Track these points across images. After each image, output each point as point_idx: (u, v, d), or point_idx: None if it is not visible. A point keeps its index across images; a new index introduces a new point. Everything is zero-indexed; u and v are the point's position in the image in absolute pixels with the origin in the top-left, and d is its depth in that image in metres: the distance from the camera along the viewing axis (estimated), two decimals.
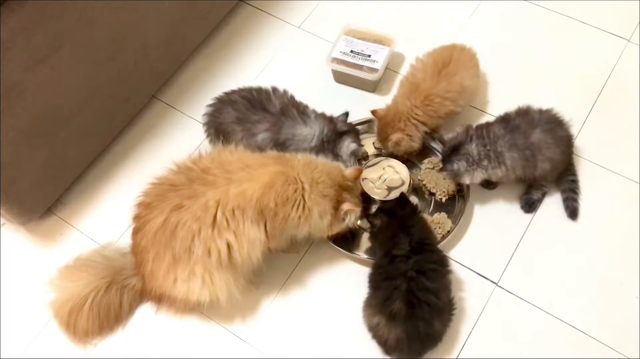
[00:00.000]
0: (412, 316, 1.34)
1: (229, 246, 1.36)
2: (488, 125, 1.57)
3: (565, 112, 1.64)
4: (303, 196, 1.39)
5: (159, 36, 1.78)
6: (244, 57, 2.05)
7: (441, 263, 1.44)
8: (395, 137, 1.64)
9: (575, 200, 1.65)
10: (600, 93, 1.88)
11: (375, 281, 1.44)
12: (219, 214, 1.34)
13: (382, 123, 1.67)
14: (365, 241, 1.64)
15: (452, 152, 1.55)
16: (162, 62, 1.87)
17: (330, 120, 1.64)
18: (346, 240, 1.60)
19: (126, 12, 1.61)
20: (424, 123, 1.65)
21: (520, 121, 1.54)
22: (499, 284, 1.57)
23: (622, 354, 1.47)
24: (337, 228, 1.48)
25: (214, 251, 1.36)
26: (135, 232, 1.45)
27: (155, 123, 1.92)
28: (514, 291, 1.56)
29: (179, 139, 1.88)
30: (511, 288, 1.57)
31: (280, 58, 2.05)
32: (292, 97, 1.65)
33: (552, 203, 1.69)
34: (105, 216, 1.77)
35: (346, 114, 1.68)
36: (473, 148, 1.53)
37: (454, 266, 1.55)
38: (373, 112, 1.69)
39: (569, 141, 1.59)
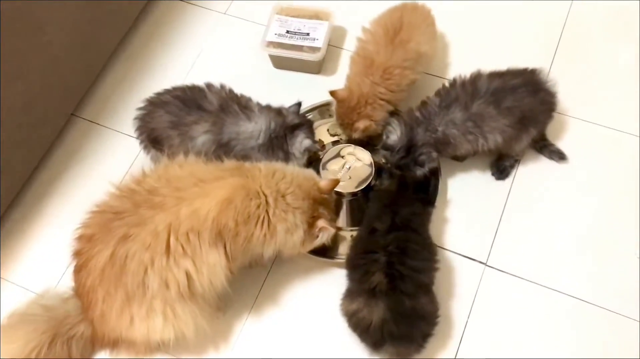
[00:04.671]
0: (394, 289, 1.31)
1: (187, 275, 1.29)
2: (425, 103, 1.55)
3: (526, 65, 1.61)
4: (267, 212, 1.32)
5: (65, 45, 1.67)
6: (169, 54, 1.98)
7: (425, 246, 1.42)
8: (362, 124, 1.59)
9: (553, 144, 1.67)
10: (559, 41, 1.89)
11: (353, 259, 1.42)
12: (172, 240, 1.26)
13: (344, 108, 1.61)
14: (343, 242, 1.59)
15: (409, 151, 1.51)
16: (76, 74, 1.77)
17: (278, 112, 1.58)
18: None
19: (20, 22, 1.48)
20: (388, 101, 1.59)
21: (460, 92, 1.51)
22: (487, 264, 1.56)
23: (627, 317, 1.47)
24: (310, 246, 1.44)
25: (172, 283, 1.28)
26: (78, 270, 1.36)
27: (79, 144, 1.83)
28: (504, 269, 1.55)
29: (110, 158, 1.80)
30: (501, 266, 1.56)
31: (209, 50, 1.98)
32: (230, 91, 1.58)
33: (529, 166, 1.69)
34: (38, 259, 1.67)
35: (298, 104, 1.62)
36: (425, 136, 1.51)
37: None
38: (332, 93, 1.62)
39: (522, 112, 1.51)
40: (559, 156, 1.67)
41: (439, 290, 1.43)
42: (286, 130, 1.55)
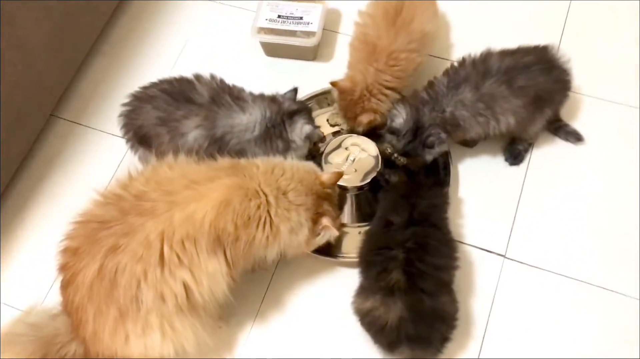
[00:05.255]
0: (413, 287, 1.24)
1: (185, 286, 1.20)
2: (432, 84, 1.47)
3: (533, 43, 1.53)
4: (269, 212, 1.24)
5: (40, 39, 1.55)
6: (153, 46, 1.88)
7: (445, 242, 1.34)
8: (366, 119, 1.51)
9: (568, 125, 1.60)
10: (567, 16, 1.81)
11: (366, 255, 1.34)
12: (166, 249, 1.17)
13: (346, 100, 1.52)
14: (348, 240, 1.49)
15: (416, 134, 1.43)
16: (53, 71, 1.66)
17: (273, 100, 1.49)
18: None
19: None
20: (394, 89, 1.51)
21: (471, 71, 1.44)
22: (506, 256, 1.48)
23: None
24: (314, 245, 1.37)
25: (169, 296, 1.19)
26: (65, 286, 1.26)
27: (61, 146, 1.73)
28: (524, 261, 1.48)
29: (95, 160, 1.71)
30: (521, 258, 1.48)
31: (196, 40, 1.89)
32: (221, 81, 1.50)
33: (544, 150, 1.61)
34: (21, 274, 1.56)
35: (294, 90, 1.54)
36: (432, 116, 1.43)
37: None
38: (333, 84, 1.53)
39: (536, 91, 1.43)
40: (576, 137, 1.59)
41: (457, 287, 1.35)
42: (284, 116, 1.47)
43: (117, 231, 1.18)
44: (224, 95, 1.45)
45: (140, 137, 1.49)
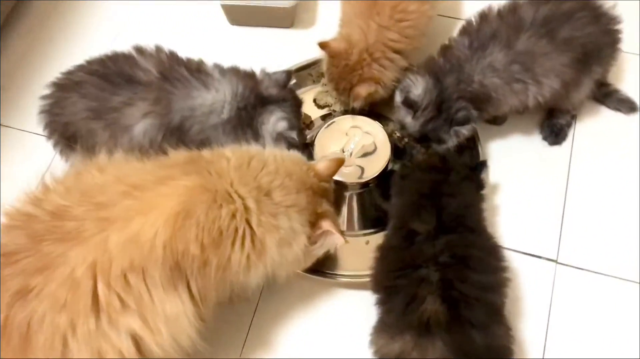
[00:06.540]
0: (457, 320, 1.02)
1: (135, 338, 0.94)
2: (448, 47, 1.28)
3: None
4: (248, 221, 1.00)
5: None
6: (85, 20, 1.68)
7: (490, 253, 1.11)
8: (364, 90, 1.29)
9: (619, 91, 1.42)
10: None
11: (385, 279, 1.13)
12: (101, 288, 0.92)
13: (340, 67, 1.31)
14: (349, 253, 1.24)
15: (440, 108, 1.23)
16: None
17: (248, 75, 1.29)
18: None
19: None
20: (400, 52, 1.30)
21: (498, 25, 1.25)
22: (559, 261, 1.29)
23: None
24: (312, 259, 1.15)
25: (111, 354, 0.92)
26: None
27: None
28: (580, 265, 1.28)
29: (15, 167, 1.47)
30: (577, 262, 1.28)
31: (142, 8, 1.70)
32: (172, 54, 1.29)
33: (588, 124, 1.42)
34: None
35: (287, 73, 1.32)
36: (458, 89, 1.23)
37: None
38: (323, 46, 1.31)
39: (583, 45, 1.23)
40: (629, 106, 1.40)
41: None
42: (257, 99, 1.26)
43: (27, 267, 0.93)
44: (179, 68, 1.23)
45: (68, 137, 1.26)
